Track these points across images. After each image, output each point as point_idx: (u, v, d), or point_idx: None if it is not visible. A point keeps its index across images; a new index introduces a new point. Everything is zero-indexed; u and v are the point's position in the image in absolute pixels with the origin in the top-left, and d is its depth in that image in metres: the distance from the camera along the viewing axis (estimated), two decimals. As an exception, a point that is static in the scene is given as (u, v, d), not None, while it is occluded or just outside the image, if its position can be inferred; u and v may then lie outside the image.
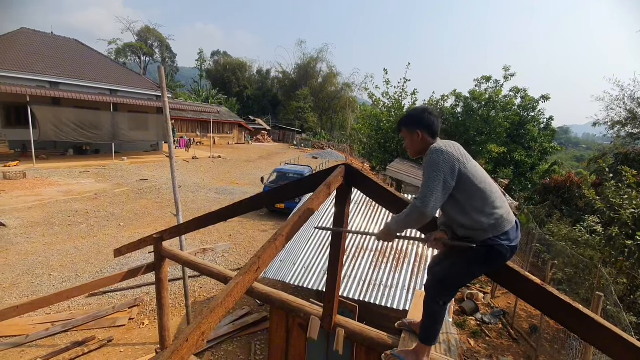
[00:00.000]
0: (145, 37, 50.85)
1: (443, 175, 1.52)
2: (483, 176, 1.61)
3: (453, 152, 1.57)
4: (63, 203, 10.68)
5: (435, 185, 1.51)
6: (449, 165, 1.53)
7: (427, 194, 1.51)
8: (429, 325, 1.78)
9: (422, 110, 1.78)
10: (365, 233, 1.85)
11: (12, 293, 5.72)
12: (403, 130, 1.81)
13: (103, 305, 5.68)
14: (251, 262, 1.36)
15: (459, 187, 1.56)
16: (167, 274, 3.18)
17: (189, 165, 19.80)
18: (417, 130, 1.74)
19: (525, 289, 1.55)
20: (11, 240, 7.68)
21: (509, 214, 1.61)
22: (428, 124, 1.73)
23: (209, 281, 6.70)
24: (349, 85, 51.80)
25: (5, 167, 14.01)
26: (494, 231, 1.55)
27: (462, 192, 1.57)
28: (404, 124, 1.80)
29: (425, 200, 1.50)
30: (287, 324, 2.33)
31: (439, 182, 1.51)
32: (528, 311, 7.11)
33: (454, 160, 1.55)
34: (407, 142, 1.80)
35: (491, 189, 1.59)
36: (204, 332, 1.12)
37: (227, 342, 5.15)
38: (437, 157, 1.55)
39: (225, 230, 9.67)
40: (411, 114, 1.80)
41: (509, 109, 13.02)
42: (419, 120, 1.74)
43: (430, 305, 1.78)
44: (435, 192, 1.51)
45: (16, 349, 4.54)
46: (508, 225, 1.58)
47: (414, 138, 1.76)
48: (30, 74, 17.00)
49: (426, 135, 1.73)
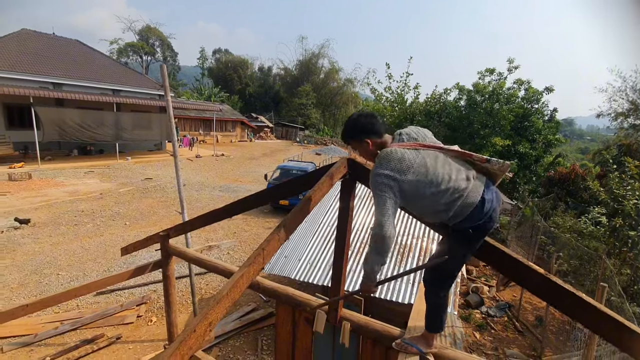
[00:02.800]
0: (147, 36, 50.82)
1: (386, 196, 1.54)
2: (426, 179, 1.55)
3: (388, 172, 1.54)
4: (69, 203, 10.77)
5: (383, 207, 1.53)
6: (387, 186, 1.54)
7: (380, 217, 1.53)
8: (433, 316, 1.82)
9: (357, 117, 1.76)
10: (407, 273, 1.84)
11: (21, 293, 5.80)
12: (352, 142, 1.78)
13: (111, 304, 5.75)
14: (256, 254, 1.37)
15: (405, 201, 1.59)
16: (173, 271, 3.21)
17: (192, 163, 19.88)
18: (366, 139, 1.71)
19: (530, 279, 1.55)
20: (18, 241, 7.78)
21: (467, 198, 1.54)
22: (371, 128, 1.71)
23: (215, 278, 6.75)
24: (351, 80, 51.57)
25: (10, 168, 14.14)
26: (455, 219, 1.58)
27: (410, 204, 1.63)
28: (350, 136, 1.78)
29: (381, 224, 1.52)
30: (293, 318, 2.35)
31: (385, 203, 1.54)
32: (533, 304, 7.11)
33: (390, 181, 1.54)
34: (359, 151, 1.78)
35: (438, 187, 1.54)
36: (211, 322, 1.14)
37: (234, 337, 5.20)
38: (374, 180, 1.57)
39: (229, 227, 9.72)
40: (352, 125, 1.76)
41: (512, 102, 12.91)
42: (361, 128, 1.72)
43: (430, 297, 1.82)
44: (387, 213, 1.53)
45: (25, 348, 4.61)
46: (466, 210, 1.55)
47: (365, 147, 1.73)
48: (32, 75, 17.10)
49: (375, 139, 1.71)
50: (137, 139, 19.52)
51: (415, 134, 1.69)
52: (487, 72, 13.67)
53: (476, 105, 13.10)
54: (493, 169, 1.64)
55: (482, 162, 1.63)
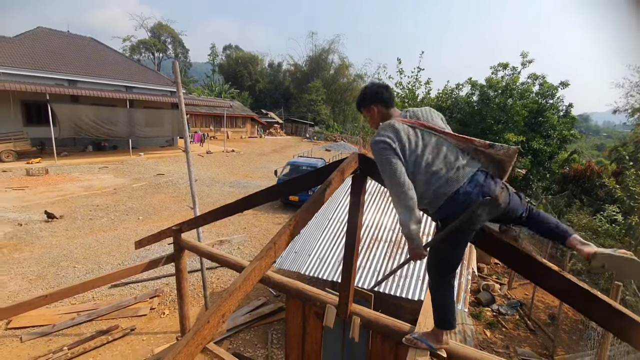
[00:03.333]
0: (158, 33, 51.40)
1: (389, 157, 1.58)
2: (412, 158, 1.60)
3: (385, 139, 1.62)
4: (84, 198, 11.03)
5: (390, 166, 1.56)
6: (387, 149, 1.60)
7: (390, 175, 1.55)
8: (440, 311, 1.79)
9: (370, 85, 1.91)
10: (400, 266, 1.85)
11: (39, 285, 5.98)
12: (362, 110, 1.93)
13: (125, 296, 5.89)
14: (267, 247, 1.39)
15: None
16: (186, 264, 3.26)
17: (203, 159, 20.09)
18: (372, 106, 1.84)
19: (544, 277, 1.54)
20: (36, 234, 8.01)
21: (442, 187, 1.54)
22: (379, 97, 1.83)
23: (226, 272, 6.84)
24: (361, 76, 51.24)
25: (28, 163, 14.54)
26: (432, 208, 1.59)
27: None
28: (360, 103, 1.91)
29: (393, 179, 1.54)
30: (303, 312, 2.37)
31: (390, 162, 1.57)
32: (546, 302, 7.00)
33: (388, 145, 1.60)
34: (369, 120, 1.91)
35: (419, 168, 1.59)
36: (224, 314, 1.16)
37: (245, 331, 5.27)
38: (375, 147, 1.65)
39: (240, 223, 9.82)
40: (362, 93, 1.91)
41: (526, 97, 12.63)
42: (370, 96, 1.85)
43: (432, 291, 1.80)
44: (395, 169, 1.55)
45: (43, 337, 4.76)
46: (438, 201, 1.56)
47: (371, 113, 1.86)
48: (48, 72, 17.49)
49: (381, 108, 1.83)
50: (150, 135, 19.83)
51: (420, 114, 1.74)
52: (500, 66, 13.39)
53: (489, 101, 12.85)
54: (498, 155, 1.59)
55: (485, 148, 1.60)
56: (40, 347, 4.59)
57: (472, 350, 1.77)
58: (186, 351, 1.09)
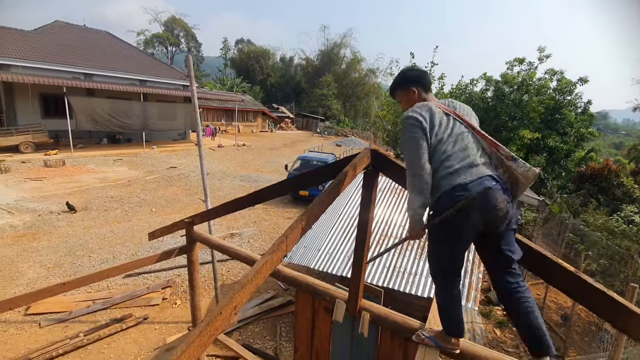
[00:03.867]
0: (172, 27, 51.79)
1: (417, 135, 1.56)
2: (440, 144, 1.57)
3: (418, 116, 1.59)
4: (99, 189, 11.28)
5: (415, 146, 1.55)
6: (417, 127, 1.57)
7: (412, 156, 1.55)
8: (445, 314, 1.73)
9: (409, 69, 1.91)
10: (399, 243, 1.84)
11: (56, 273, 6.17)
12: (398, 92, 1.87)
13: (138, 286, 6.03)
14: (279, 241, 1.40)
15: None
16: (197, 256, 3.31)
17: (214, 153, 20.29)
18: (412, 87, 1.80)
19: (558, 277, 1.51)
20: (54, 224, 8.24)
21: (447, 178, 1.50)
22: (419, 79, 1.81)
23: (236, 265, 6.93)
24: (373, 70, 50.74)
25: (45, 155, 14.92)
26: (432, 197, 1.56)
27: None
28: (398, 85, 1.86)
29: (414, 161, 1.54)
30: (312, 306, 2.38)
31: (417, 141, 1.55)
32: (558, 303, 6.90)
33: (419, 123, 1.58)
34: (404, 103, 1.84)
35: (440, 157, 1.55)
36: (236, 306, 1.18)
37: (254, 323, 5.35)
38: (405, 122, 1.62)
39: (250, 216, 9.91)
40: (402, 75, 1.87)
41: (543, 93, 12.33)
42: (411, 78, 1.82)
43: (438, 297, 1.73)
44: (419, 150, 1.54)
45: (61, 324, 4.92)
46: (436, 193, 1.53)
47: (410, 95, 1.81)
48: (65, 65, 17.83)
49: (421, 90, 1.79)
50: (163, 128, 20.09)
51: (458, 106, 1.72)
52: (516, 61, 13.09)
53: (504, 97, 12.59)
54: (517, 171, 1.49)
55: (508, 159, 1.52)
56: (58, 332, 4.75)
57: (481, 349, 1.76)
58: (199, 341, 1.11)
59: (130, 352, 4.51)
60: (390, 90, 1.95)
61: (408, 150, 1.58)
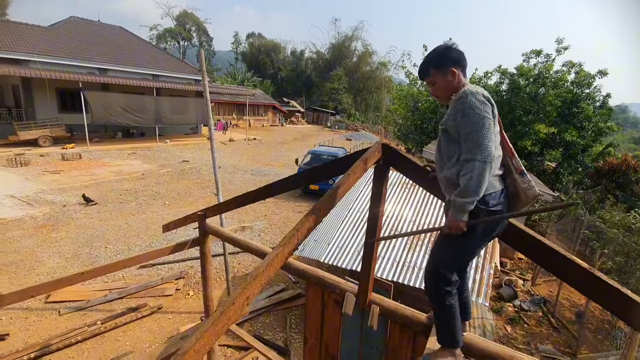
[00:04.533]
0: (184, 21, 52.11)
1: (487, 116, 1.38)
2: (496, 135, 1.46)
3: (483, 99, 1.42)
4: (114, 182, 11.54)
5: (485, 128, 1.36)
6: (487, 106, 1.40)
7: (482, 140, 1.35)
8: (448, 321, 1.61)
9: (448, 46, 1.57)
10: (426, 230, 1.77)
11: (74, 263, 6.37)
12: (434, 72, 1.57)
13: (153, 277, 6.18)
14: (290, 235, 1.42)
15: None
16: (210, 248, 3.38)
17: (226, 147, 20.47)
18: (452, 69, 1.53)
19: (571, 273, 1.49)
20: (72, 216, 8.48)
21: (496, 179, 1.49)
22: (460, 60, 1.55)
23: (247, 258, 7.03)
24: (385, 64, 50.16)
25: (63, 149, 15.31)
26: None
27: None
28: (435, 64, 1.56)
29: (486, 146, 1.35)
30: (322, 299, 2.41)
31: (488, 123, 1.37)
32: (572, 300, 6.79)
33: (488, 104, 1.42)
34: (439, 85, 1.57)
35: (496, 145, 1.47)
36: (248, 297, 1.21)
37: (265, 314, 5.44)
38: (474, 99, 1.40)
39: (260, 210, 10.00)
40: (442, 52, 1.56)
41: (560, 86, 11.98)
42: (454, 58, 1.54)
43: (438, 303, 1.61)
44: (489, 134, 1.37)
45: (79, 312, 5.10)
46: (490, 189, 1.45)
47: (449, 78, 1.54)
48: (81, 60, 18.18)
49: (461, 74, 1.54)
50: (175, 122, 20.36)
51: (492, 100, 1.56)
52: (532, 53, 12.73)
53: (519, 90, 12.27)
54: (520, 186, 1.48)
55: (517, 171, 1.50)
56: (76, 320, 4.92)
57: (492, 345, 1.76)
58: (212, 330, 1.14)
59: (145, 340, 4.65)
60: (421, 69, 1.62)
61: (480, 131, 1.36)
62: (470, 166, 1.37)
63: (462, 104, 1.42)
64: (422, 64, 1.63)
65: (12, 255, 6.42)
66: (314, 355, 2.60)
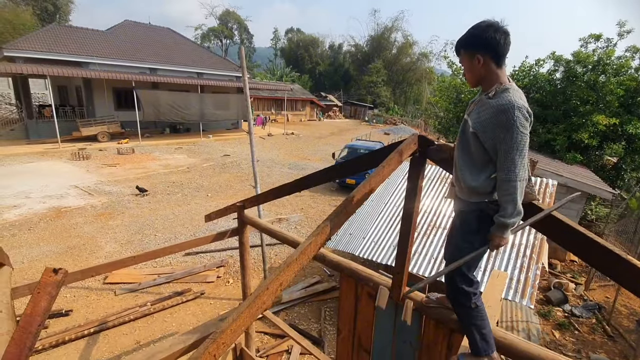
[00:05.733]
0: (226, 20, 53.92)
1: (526, 135, 1.32)
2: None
3: (527, 113, 1.33)
4: (163, 175, 12.32)
5: (523, 147, 1.32)
6: (527, 124, 1.33)
7: (519, 158, 1.32)
8: (474, 329, 1.56)
9: (487, 26, 1.37)
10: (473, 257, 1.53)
11: (128, 248, 6.92)
12: (462, 53, 1.46)
13: (196, 264, 6.55)
14: (324, 225, 1.44)
15: None
16: (248, 238, 3.52)
17: (264, 142, 20.99)
18: (477, 55, 1.39)
19: (631, 277, 1.37)
20: (126, 205, 9.20)
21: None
22: (492, 45, 1.36)
23: (284, 249, 7.21)
24: (426, 54, 48.43)
25: (118, 144, 16.59)
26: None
27: None
28: (463, 44, 1.44)
29: (523, 165, 1.33)
30: (356, 291, 2.42)
31: (525, 142, 1.32)
32: (630, 307, 6.20)
33: (527, 121, 1.33)
34: (466, 68, 1.47)
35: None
36: (282, 282, 1.26)
37: (300, 305, 5.56)
38: (519, 113, 1.31)
39: (297, 203, 10.18)
40: (472, 32, 1.41)
41: (623, 73, 10.84)
42: (480, 40, 1.38)
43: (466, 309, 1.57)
44: (524, 154, 1.33)
45: (132, 293, 5.56)
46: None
47: (473, 65, 1.42)
48: (134, 61, 19.52)
49: (489, 62, 1.39)
50: (218, 118, 21.23)
51: None
52: (591, 38, 11.63)
53: (576, 78, 11.28)
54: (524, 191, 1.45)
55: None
56: (130, 300, 5.37)
57: (534, 347, 1.67)
58: (248, 312, 1.21)
59: (189, 323, 4.96)
60: (455, 46, 1.51)
61: (518, 151, 1.32)
62: (512, 188, 1.35)
63: (507, 119, 1.32)
64: (456, 41, 1.50)
65: (76, 240, 7.11)
66: (346, 346, 2.63)
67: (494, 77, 1.42)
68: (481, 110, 1.41)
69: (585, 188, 7.31)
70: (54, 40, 17.53)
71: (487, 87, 1.44)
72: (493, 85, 1.41)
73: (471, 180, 1.45)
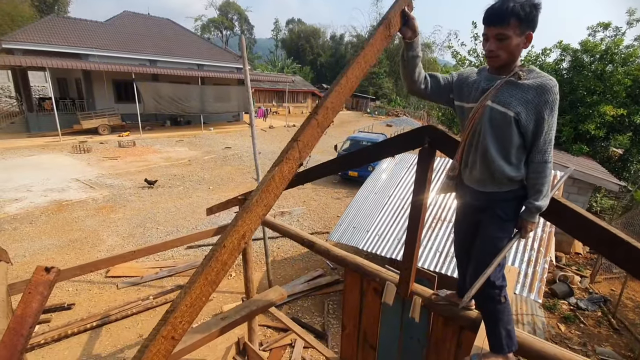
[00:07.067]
0: (226, 10, 53.25)
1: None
2: None
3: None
4: (164, 168, 12.25)
5: (553, 132, 1.30)
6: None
7: (550, 145, 1.30)
8: (500, 325, 1.49)
9: (540, 3, 1.26)
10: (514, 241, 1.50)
11: (130, 242, 6.89)
12: (514, 24, 1.23)
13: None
14: (288, 147, 1.16)
15: None
16: (250, 232, 3.45)
17: (266, 134, 20.85)
18: (529, 32, 1.27)
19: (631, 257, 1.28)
20: (127, 199, 9.16)
21: None
22: (535, 22, 1.27)
23: (286, 242, 7.16)
24: (429, 45, 47.73)
25: (119, 137, 16.50)
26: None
27: None
28: (520, 15, 1.22)
29: (550, 153, 1.31)
30: (361, 287, 2.36)
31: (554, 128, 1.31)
32: (636, 300, 6.15)
33: None
34: (509, 43, 1.26)
35: None
36: (244, 234, 1.08)
37: (303, 299, 5.53)
38: (555, 98, 1.25)
39: (299, 196, 10.11)
40: (535, 4, 1.24)
41: (631, 62, 10.62)
42: (536, 17, 1.26)
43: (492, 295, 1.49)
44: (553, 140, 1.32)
45: (134, 287, 5.53)
46: None
47: (518, 43, 1.27)
48: (134, 53, 19.30)
49: (528, 41, 1.30)
50: (219, 110, 21.07)
51: None
52: (599, 26, 11.37)
53: (583, 68, 11.05)
54: None
55: None
56: (132, 294, 5.34)
57: (549, 346, 1.60)
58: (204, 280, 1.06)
59: (192, 316, 4.93)
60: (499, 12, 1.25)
61: (554, 131, 1.30)
62: (548, 170, 1.31)
63: (553, 98, 1.25)
64: (502, 4, 1.24)
65: (78, 233, 7.09)
66: (351, 342, 2.58)
67: (517, 60, 1.35)
68: (516, 93, 1.29)
69: (592, 180, 7.22)
70: (53, 32, 17.31)
71: (507, 69, 1.36)
72: (511, 67, 1.34)
73: (510, 170, 1.36)
